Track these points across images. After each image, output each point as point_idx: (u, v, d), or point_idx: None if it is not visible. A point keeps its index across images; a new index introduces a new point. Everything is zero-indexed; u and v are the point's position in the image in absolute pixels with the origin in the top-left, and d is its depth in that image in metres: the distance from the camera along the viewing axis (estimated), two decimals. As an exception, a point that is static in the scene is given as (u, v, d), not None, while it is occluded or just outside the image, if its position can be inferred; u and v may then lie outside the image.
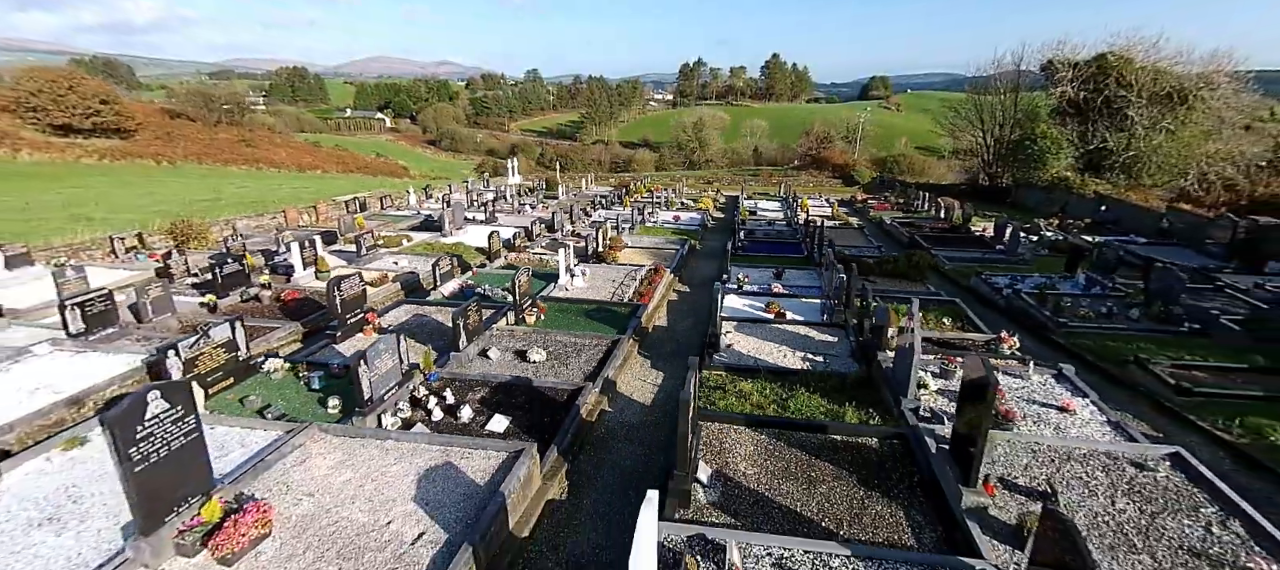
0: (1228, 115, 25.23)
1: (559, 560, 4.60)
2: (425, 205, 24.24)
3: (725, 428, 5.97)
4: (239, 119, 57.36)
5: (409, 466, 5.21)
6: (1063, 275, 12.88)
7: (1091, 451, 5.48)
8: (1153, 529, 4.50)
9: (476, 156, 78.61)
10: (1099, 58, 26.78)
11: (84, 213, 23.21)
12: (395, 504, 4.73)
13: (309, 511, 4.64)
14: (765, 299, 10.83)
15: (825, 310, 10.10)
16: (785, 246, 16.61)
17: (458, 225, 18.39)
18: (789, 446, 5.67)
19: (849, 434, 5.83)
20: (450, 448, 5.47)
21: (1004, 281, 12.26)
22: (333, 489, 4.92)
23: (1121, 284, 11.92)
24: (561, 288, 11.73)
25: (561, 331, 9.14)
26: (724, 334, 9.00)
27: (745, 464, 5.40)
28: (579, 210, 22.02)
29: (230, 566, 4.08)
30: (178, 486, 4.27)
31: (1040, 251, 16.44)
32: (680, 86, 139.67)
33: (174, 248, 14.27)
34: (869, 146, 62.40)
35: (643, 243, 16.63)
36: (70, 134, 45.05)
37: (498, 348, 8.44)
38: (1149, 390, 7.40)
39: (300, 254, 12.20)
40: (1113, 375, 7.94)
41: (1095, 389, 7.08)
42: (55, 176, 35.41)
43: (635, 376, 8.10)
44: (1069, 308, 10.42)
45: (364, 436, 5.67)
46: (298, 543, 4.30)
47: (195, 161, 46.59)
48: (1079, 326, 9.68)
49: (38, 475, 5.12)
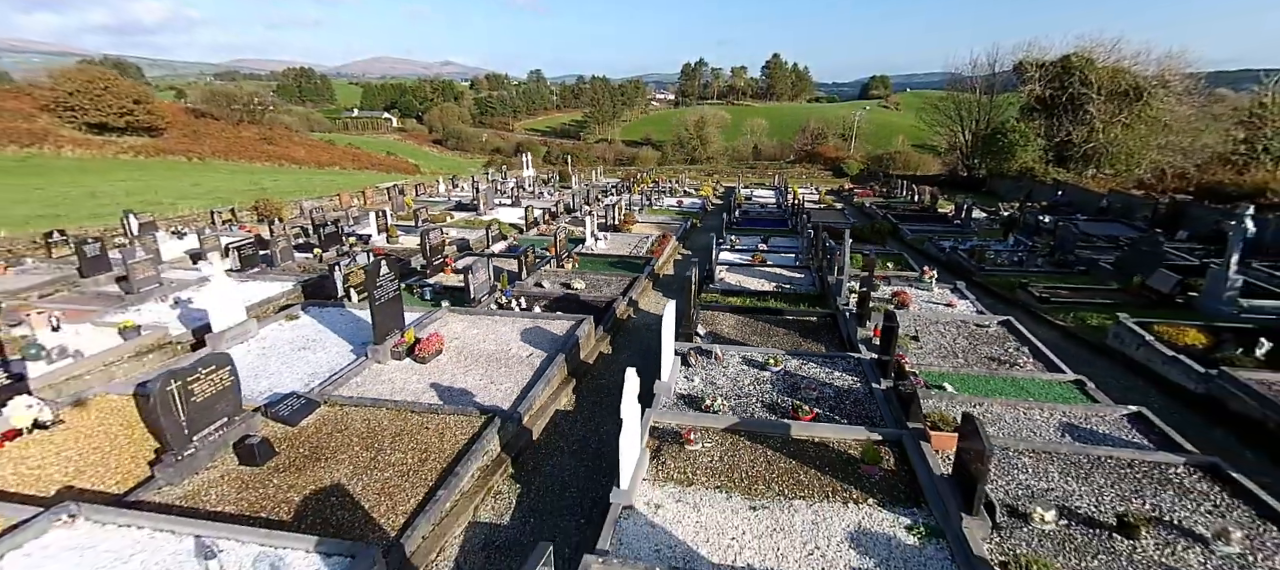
0: (1179, 111, 28.22)
1: (609, 379, 7.61)
2: (453, 193, 27.32)
3: (716, 313, 9.02)
4: (259, 118, 60.44)
5: (512, 328, 8.26)
6: (999, 239, 15.89)
7: (951, 319, 8.51)
8: (972, 350, 7.53)
9: (483, 155, 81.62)
10: (1064, 59, 29.83)
11: (151, 198, 26.39)
12: (509, 343, 7.77)
13: (459, 346, 7.68)
14: (752, 253, 13.86)
15: (798, 258, 13.14)
16: (774, 222, 19.64)
17: (490, 207, 21.45)
18: (757, 320, 8.72)
19: (798, 315, 8.88)
20: (536, 320, 8.51)
21: (948, 244, 15.28)
22: (468, 337, 7.97)
23: (1039, 242, 14.93)
24: (588, 247, 14.76)
25: (593, 273, 12.17)
26: (718, 272, 12.04)
27: (727, 328, 8.44)
28: (593, 195, 25.07)
29: (424, 364, 7.12)
30: (390, 322, 7.31)
31: (993, 225, 19.44)
32: (682, 86, 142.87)
33: (268, 219, 17.30)
34: (865, 143, 65.37)
35: (651, 219, 19.67)
36: (104, 132, 48.07)
37: (548, 280, 11.47)
38: (1025, 303, 10.42)
39: (376, 223, 15.26)
40: (1004, 296, 10.96)
41: (985, 302, 10.09)
42: (99, 171, 38.46)
43: (650, 301, 11.14)
44: (991, 258, 13.44)
45: (478, 314, 8.72)
46: (458, 357, 7.33)
47: (221, 158, 49.73)
48: (994, 270, 12.71)
49: (279, 331, 8.17)
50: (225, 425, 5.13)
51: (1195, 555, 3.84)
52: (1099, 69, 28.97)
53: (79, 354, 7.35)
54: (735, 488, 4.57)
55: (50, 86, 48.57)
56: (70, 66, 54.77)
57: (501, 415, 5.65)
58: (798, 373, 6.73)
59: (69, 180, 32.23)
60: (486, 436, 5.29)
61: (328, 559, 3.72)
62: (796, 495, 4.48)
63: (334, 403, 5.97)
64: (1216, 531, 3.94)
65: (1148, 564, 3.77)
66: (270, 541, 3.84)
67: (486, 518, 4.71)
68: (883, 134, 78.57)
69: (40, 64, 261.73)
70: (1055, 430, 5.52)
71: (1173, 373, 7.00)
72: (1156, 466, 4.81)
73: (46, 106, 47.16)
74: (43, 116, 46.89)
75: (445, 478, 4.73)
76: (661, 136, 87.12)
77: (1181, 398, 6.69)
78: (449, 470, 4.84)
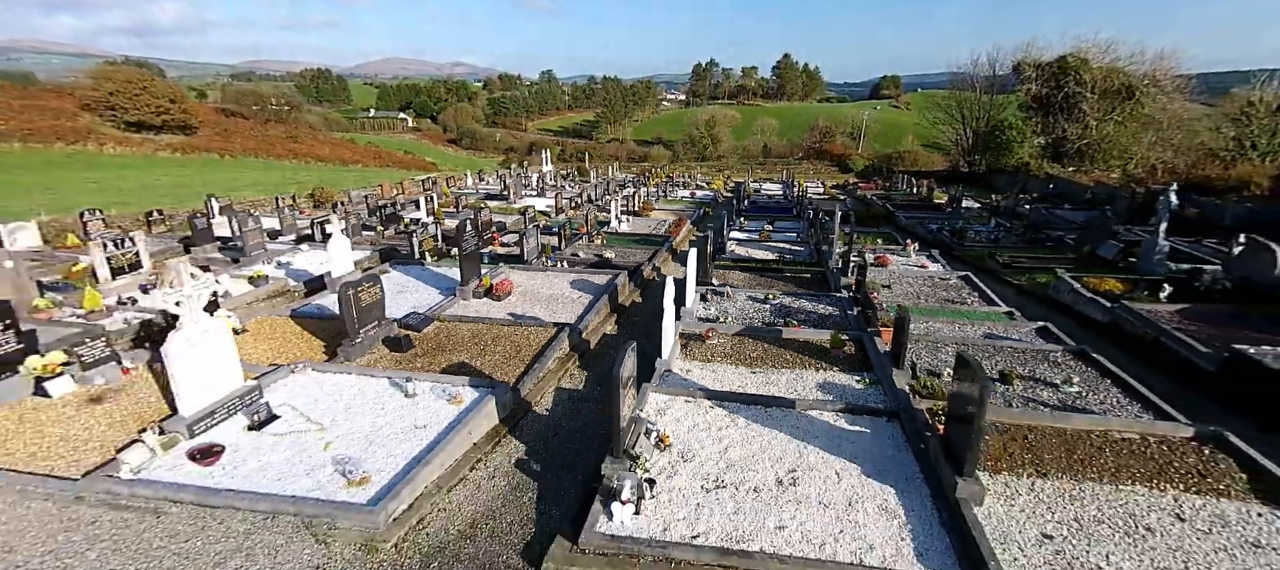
0: (1171, 109, 29.84)
1: (641, 318, 9.66)
2: (480, 185, 29.57)
3: (727, 272, 11.08)
4: (286, 118, 63.18)
5: (563, 279, 10.37)
6: (982, 222, 17.79)
7: (920, 275, 10.52)
8: (932, 295, 9.54)
9: (497, 154, 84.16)
10: (1061, 59, 31.55)
11: (199, 190, 28.83)
12: (563, 289, 9.88)
13: (522, 290, 9.80)
14: (759, 232, 15.90)
15: (799, 236, 15.15)
16: (780, 209, 21.64)
17: (518, 196, 23.64)
18: (762, 276, 10.76)
19: (795, 272, 10.91)
20: (582, 273, 10.62)
21: (935, 226, 17.21)
22: (529, 285, 10.09)
23: (1017, 224, 16.84)
24: (613, 228, 16.85)
25: (620, 247, 14.26)
26: (728, 245, 14.09)
27: (736, 282, 10.51)
28: (613, 186, 27.19)
29: (500, 301, 9.23)
30: (472, 269, 9.45)
31: (982, 213, 21.32)
32: (693, 86, 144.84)
33: (323, 204, 19.57)
34: (873, 142, 67.03)
35: (667, 207, 21.75)
36: (142, 130, 50.83)
37: (583, 251, 13.58)
38: (991, 269, 12.36)
39: (426, 207, 17.47)
40: (976, 265, 12.88)
41: (959, 270, 12.03)
42: (141, 166, 41.09)
43: (671, 269, 13.20)
44: (971, 237, 15.38)
45: (532, 270, 10.85)
46: (524, 297, 9.46)
47: (252, 155, 52.38)
48: (972, 245, 14.65)
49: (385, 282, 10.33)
50: (377, 325, 7.27)
51: (1047, 393, 5.85)
52: (1093, 69, 30.67)
53: (227, 295, 9.56)
54: (741, 362, 6.64)
55: (91, 87, 51.52)
56: (108, 68, 57.68)
57: (569, 328, 7.73)
58: (790, 305, 8.77)
59: (117, 174, 34.84)
60: (559, 340, 7.37)
61: (477, 389, 5.82)
62: (783, 366, 6.54)
63: (444, 319, 8.11)
64: (1063, 379, 5.95)
65: (1014, 397, 5.78)
66: (439, 380, 5.96)
67: (567, 385, 6.79)
68: (892, 133, 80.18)
69: (60, 65, 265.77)
70: (979, 336, 7.52)
71: (1090, 310, 8.96)
72: (1042, 352, 6.82)
73: (88, 105, 50.09)
74: (84, 115, 49.83)
75: (536, 360, 6.82)
76: (673, 136, 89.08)
77: (1093, 327, 8.64)
78: (538, 356, 6.93)
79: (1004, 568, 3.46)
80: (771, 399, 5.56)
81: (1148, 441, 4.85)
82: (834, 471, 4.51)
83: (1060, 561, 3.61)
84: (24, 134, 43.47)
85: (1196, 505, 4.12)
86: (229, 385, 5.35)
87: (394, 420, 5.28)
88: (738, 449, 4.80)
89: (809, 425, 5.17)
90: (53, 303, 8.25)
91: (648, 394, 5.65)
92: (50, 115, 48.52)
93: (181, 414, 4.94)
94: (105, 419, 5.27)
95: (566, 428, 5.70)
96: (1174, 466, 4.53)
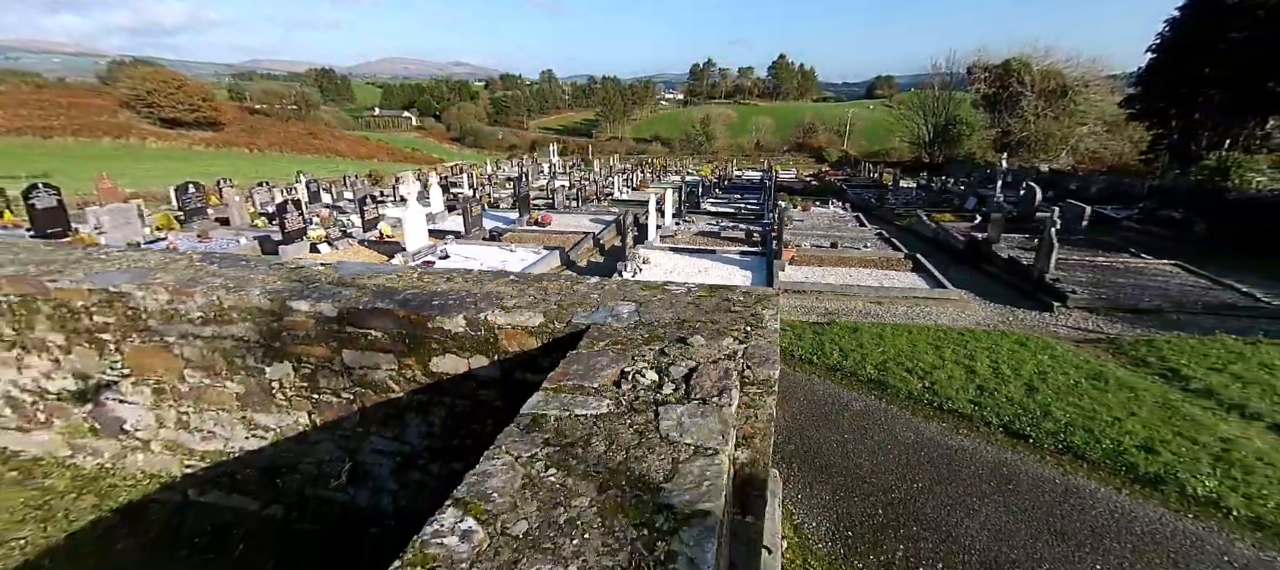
0: (1100, 105, 35.24)
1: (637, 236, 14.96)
2: (499, 172, 34.88)
3: (697, 215, 16.38)
4: (304, 115, 68.42)
5: (584, 216, 15.66)
6: (907, 193, 23.12)
7: (827, 213, 15.80)
8: (829, 224, 14.81)
9: (500, 151, 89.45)
10: (1006, 62, 36.95)
11: (254, 177, 33.93)
12: (585, 222, 15.14)
13: (557, 224, 15.06)
14: (728, 201, 21.19)
15: (758, 201, 20.47)
16: (753, 189, 26.96)
17: (536, 177, 28.93)
18: (721, 219, 16.06)
19: (745, 219, 16.20)
20: (595, 214, 15.91)
21: (870, 195, 22.52)
22: (561, 221, 15.37)
23: (930, 193, 22.19)
24: (616, 196, 22.14)
25: (621, 206, 19.52)
26: (703, 204, 19.39)
27: (703, 220, 15.81)
28: (614, 171, 32.50)
29: (543, 228, 14.49)
30: (525, 207, 14.71)
31: (912, 189, 26.64)
32: (691, 86, 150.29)
33: (378, 182, 24.81)
34: (860, 140, 72.44)
35: (659, 187, 27.05)
36: (175, 126, 55.96)
37: (595, 207, 18.85)
38: (888, 217, 17.64)
39: (467, 181, 22.77)
40: (881, 217, 18.17)
41: (862, 219, 17.27)
42: (181, 159, 46.14)
43: (660, 219, 18.48)
44: (888, 201, 20.68)
45: (561, 213, 16.14)
46: (559, 225, 14.73)
47: (277, 150, 57.58)
48: (893, 207, 19.92)
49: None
50: (479, 228, 12.53)
51: (856, 248, 11.14)
52: (1034, 71, 36.08)
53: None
54: (691, 251, 11.93)
55: (128, 86, 56.76)
56: (143, 68, 62.86)
57: (592, 234, 12.98)
58: (732, 228, 14.07)
59: (164, 166, 39.98)
60: (586, 240, 12.62)
61: (550, 250, 11.07)
62: (717, 254, 11.81)
63: (514, 233, 13.40)
64: (863, 240, 11.24)
65: (838, 242, 11.06)
66: (528, 250, 11.23)
67: (593, 260, 12.01)
68: (880, 131, 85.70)
69: (60, 65, 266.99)
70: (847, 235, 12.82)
71: (926, 231, 14.25)
72: (863, 236, 12.11)
73: (126, 103, 55.31)
74: (123, 112, 55.10)
75: (576, 245, 12.07)
76: (670, 134, 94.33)
77: (926, 239, 13.90)
78: (576, 245, 12.18)
79: (778, 278, 8.73)
80: (703, 249, 10.82)
81: (884, 259, 10.13)
82: (727, 269, 9.78)
83: (811, 276, 8.87)
84: (76, 128, 48.70)
85: (889, 274, 9.40)
86: (423, 241, 10.61)
87: (507, 261, 10.54)
88: (681, 266, 10.07)
89: (720, 258, 10.44)
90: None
91: (639, 248, 10.92)
92: (93, 112, 53.77)
93: (408, 250, 10.20)
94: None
95: (597, 270, 10.98)
96: (888, 262, 9.81)
